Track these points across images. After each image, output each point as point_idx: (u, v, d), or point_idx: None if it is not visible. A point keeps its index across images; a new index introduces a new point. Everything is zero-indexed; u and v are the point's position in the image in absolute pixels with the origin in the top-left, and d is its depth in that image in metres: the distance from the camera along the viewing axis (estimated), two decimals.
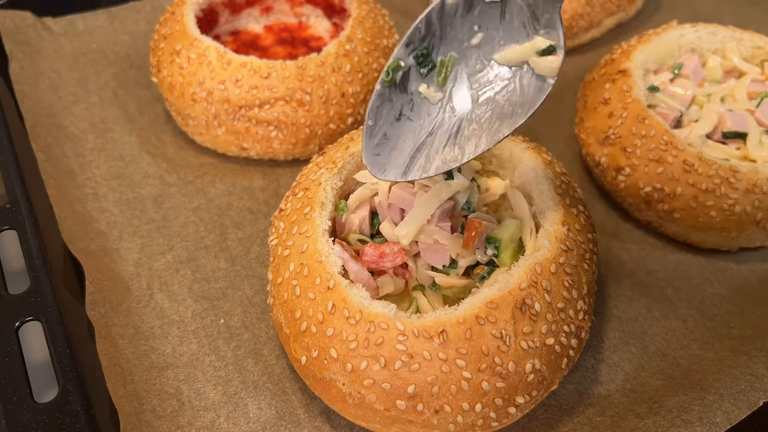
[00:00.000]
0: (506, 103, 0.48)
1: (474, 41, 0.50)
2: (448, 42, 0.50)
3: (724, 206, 0.68)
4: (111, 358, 0.62)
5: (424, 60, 0.51)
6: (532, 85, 0.48)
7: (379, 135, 0.50)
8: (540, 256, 0.55)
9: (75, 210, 0.75)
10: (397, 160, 0.50)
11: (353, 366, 0.52)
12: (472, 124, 0.49)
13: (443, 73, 0.50)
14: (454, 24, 0.50)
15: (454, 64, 0.50)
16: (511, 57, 0.49)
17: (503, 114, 0.48)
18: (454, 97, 0.50)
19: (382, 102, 0.50)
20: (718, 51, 0.82)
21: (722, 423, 0.57)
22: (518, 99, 0.48)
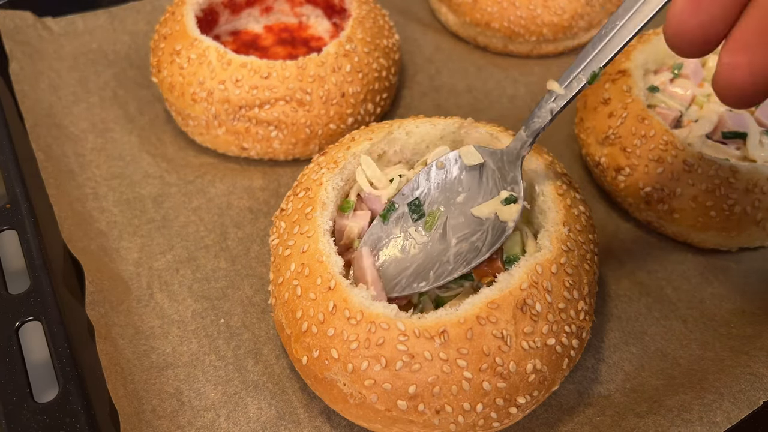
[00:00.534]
0: (477, 244, 0.58)
1: (459, 199, 0.61)
2: (437, 197, 0.62)
3: (724, 206, 0.68)
4: (111, 357, 0.62)
5: (416, 208, 0.61)
6: (498, 229, 0.58)
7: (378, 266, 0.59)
8: (541, 256, 0.55)
9: (75, 210, 0.75)
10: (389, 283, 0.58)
11: (354, 366, 0.52)
12: (444, 264, 0.58)
13: (431, 222, 0.60)
14: (444, 183, 0.62)
15: (439, 217, 0.61)
16: (483, 211, 0.59)
17: (471, 252, 0.58)
18: (437, 241, 0.60)
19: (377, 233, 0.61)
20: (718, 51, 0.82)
21: (722, 422, 0.58)
22: (486, 241, 0.58)
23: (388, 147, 0.66)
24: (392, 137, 0.66)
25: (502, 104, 0.91)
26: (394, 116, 0.89)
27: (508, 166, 0.60)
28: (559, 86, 0.56)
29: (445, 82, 0.94)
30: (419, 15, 1.05)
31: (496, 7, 0.94)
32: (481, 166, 0.62)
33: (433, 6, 1.04)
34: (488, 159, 0.61)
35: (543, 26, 0.94)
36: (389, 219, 0.61)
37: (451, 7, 0.99)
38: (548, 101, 0.57)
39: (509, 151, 0.60)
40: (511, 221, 0.57)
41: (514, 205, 0.58)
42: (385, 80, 0.83)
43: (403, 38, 0.99)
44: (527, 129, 0.59)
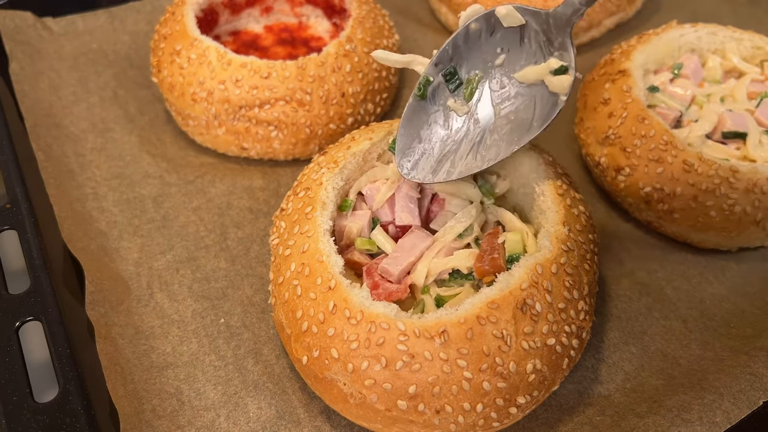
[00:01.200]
0: (524, 116, 0.53)
1: (497, 61, 0.56)
2: (474, 61, 0.56)
3: (724, 206, 0.68)
4: (111, 357, 0.62)
5: (451, 77, 0.57)
6: (547, 101, 0.53)
7: (413, 141, 0.56)
8: (541, 256, 0.55)
9: (75, 210, 0.75)
10: (426, 163, 0.55)
11: (354, 366, 0.52)
12: (493, 134, 0.54)
13: (469, 89, 0.56)
14: (478, 46, 0.56)
15: (479, 82, 0.56)
16: (529, 76, 0.54)
17: (521, 126, 0.53)
18: (478, 110, 0.55)
19: (413, 113, 0.56)
20: (717, 51, 0.82)
21: (722, 422, 0.58)
22: (535, 113, 0.54)
23: (388, 147, 0.66)
24: (392, 137, 0.66)
25: None
26: (394, 116, 0.89)
27: (555, 30, 0.55)
28: None
29: None
30: (419, 15, 1.05)
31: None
32: (522, 28, 0.56)
33: (433, 6, 1.04)
34: (530, 19, 0.55)
35: None
36: (426, 93, 0.57)
37: (451, 7, 0.99)
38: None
39: (557, 15, 0.54)
40: (563, 94, 0.53)
41: (565, 75, 0.53)
42: (385, 80, 0.83)
43: (403, 38, 0.99)
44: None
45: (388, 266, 0.58)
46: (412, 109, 0.57)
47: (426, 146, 0.55)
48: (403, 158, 0.56)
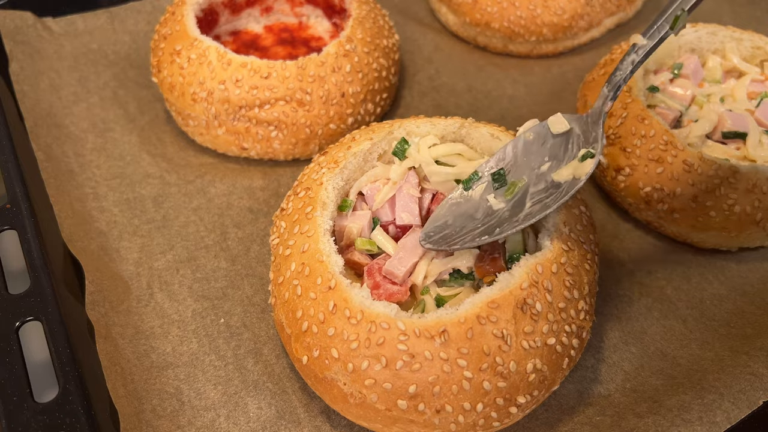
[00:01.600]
0: (547, 204, 0.57)
1: (543, 168, 0.60)
2: (522, 168, 0.61)
3: (724, 206, 0.68)
4: (111, 357, 0.62)
5: (499, 178, 0.61)
6: (570, 186, 0.57)
7: (441, 222, 0.60)
8: (541, 256, 0.55)
9: (75, 210, 0.75)
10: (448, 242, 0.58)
11: (354, 366, 0.52)
12: (513, 223, 0.58)
13: (511, 192, 0.60)
14: (530, 154, 0.61)
15: (521, 187, 0.60)
16: (563, 174, 0.59)
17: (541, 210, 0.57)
18: (513, 206, 0.59)
19: (456, 199, 0.61)
20: (717, 51, 0.82)
21: (722, 422, 0.58)
22: (558, 199, 0.57)
23: (388, 147, 0.66)
24: (393, 137, 0.66)
25: (502, 104, 0.91)
26: (394, 116, 0.89)
27: (592, 126, 0.60)
28: (641, 38, 0.56)
29: (445, 82, 0.94)
30: (419, 15, 1.05)
31: (496, 7, 0.94)
32: (568, 133, 0.61)
33: (433, 6, 1.04)
34: (574, 125, 0.61)
35: (543, 26, 0.94)
36: (471, 186, 0.61)
37: (451, 7, 0.99)
38: (630, 53, 0.57)
39: (593, 112, 0.60)
40: (583, 175, 0.57)
41: (590, 159, 0.57)
42: (385, 80, 0.83)
43: (403, 38, 0.99)
44: (609, 84, 0.59)
45: (393, 268, 0.58)
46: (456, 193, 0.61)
47: (452, 231, 0.59)
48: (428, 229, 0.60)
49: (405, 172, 0.64)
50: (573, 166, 0.59)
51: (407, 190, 0.63)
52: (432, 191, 0.64)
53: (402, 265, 0.58)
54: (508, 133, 0.67)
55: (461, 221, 0.60)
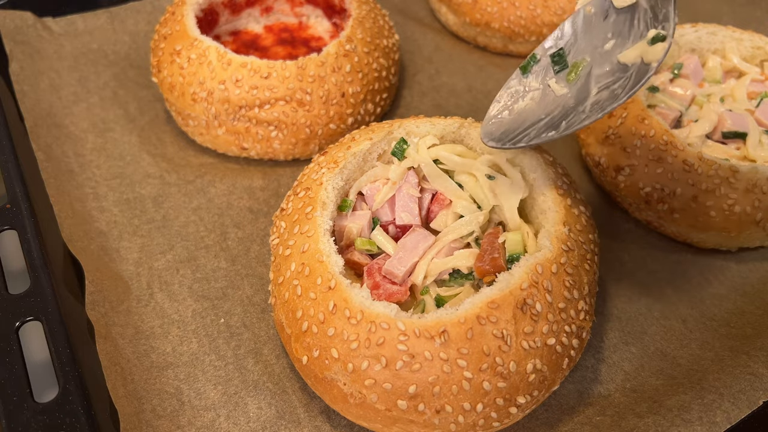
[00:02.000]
0: (617, 92, 0.54)
1: (606, 47, 0.56)
2: (583, 46, 0.57)
3: (724, 206, 0.68)
4: (111, 357, 0.62)
5: (559, 59, 0.57)
6: (641, 73, 0.54)
7: (503, 111, 0.56)
8: (541, 256, 0.55)
9: (75, 210, 0.75)
10: (509, 135, 0.55)
11: (354, 366, 0.52)
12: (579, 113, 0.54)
13: (574, 72, 0.56)
14: (591, 30, 0.57)
15: (584, 67, 0.56)
16: (630, 55, 0.55)
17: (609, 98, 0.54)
18: (577, 91, 0.56)
19: (515, 87, 0.57)
20: (717, 51, 0.82)
21: (722, 422, 0.58)
22: (627, 86, 0.54)
23: (388, 147, 0.66)
24: (392, 137, 0.66)
25: None
26: (394, 116, 0.89)
27: (661, 2, 0.55)
28: None
29: (445, 82, 0.94)
30: (419, 15, 1.05)
31: (496, 7, 0.94)
32: (633, 7, 0.56)
33: (433, 6, 1.04)
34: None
35: (543, 26, 0.94)
36: (529, 71, 0.58)
37: (451, 7, 0.99)
38: None
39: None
40: (655, 61, 0.53)
41: (661, 43, 0.53)
42: (385, 80, 0.83)
43: (403, 38, 0.99)
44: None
45: (393, 268, 0.58)
46: (514, 80, 0.57)
47: (513, 120, 0.55)
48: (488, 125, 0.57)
49: (404, 171, 0.64)
50: (641, 47, 0.54)
51: (407, 189, 0.63)
52: (432, 191, 0.64)
53: (402, 265, 0.58)
54: None
55: (524, 112, 0.56)
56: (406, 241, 0.60)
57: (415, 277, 0.58)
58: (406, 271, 0.58)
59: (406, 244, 0.60)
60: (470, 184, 0.62)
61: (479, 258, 0.58)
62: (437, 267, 0.58)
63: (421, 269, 0.58)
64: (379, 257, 0.60)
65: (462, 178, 0.63)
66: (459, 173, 0.63)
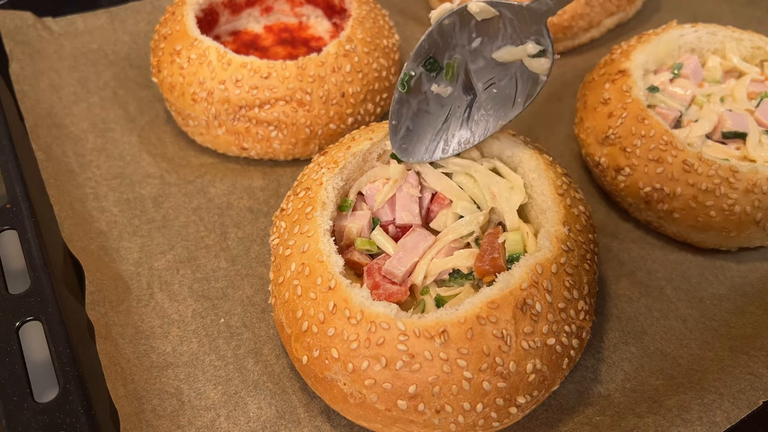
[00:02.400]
0: (507, 92, 0.56)
1: (474, 45, 0.58)
2: (451, 49, 0.58)
3: (724, 206, 0.68)
4: (111, 357, 0.62)
5: (432, 66, 0.58)
6: (528, 78, 0.56)
7: (402, 129, 0.58)
8: (541, 256, 0.55)
9: (75, 210, 0.75)
10: (421, 146, 0.58)
11: (354, 366, 0.52)
12: (480, 110, 0.56)
13: (450, 72, 0.58)
14: (453, 36, 0.59)
15: (458, 64, 0.58)
16: (506, 55, 0.57)
17: (506, 102, 0.56)
18: (463, 88, 0.57)
19: (401, 105, 0.59)
20: (717, 51, 0.82)
21: (722, 422, 0.58)
22: (517, 90, 0.56)
23: (388, 147, 0.66)
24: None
25: None
26: None
27: (530, 20, 0.57)
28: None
29: None
30: (419, 15, 1.05)
31: None
32: (497, 17, 0.58)
33: (432, 6, 1.04)
34: (504, 10, 0.57)
35: None
36: (409, 86, 0.59)
37: None
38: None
39: (531, 9, 0.56)
40: (543, 75, 0.55)
41: (544, 58, 0.55)
42: (385, 80, 0.83)
43: (403, 38, 0.99)
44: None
45: (393, 268, 0.58)
46: (398, 102, 0.60)
47: (417, 133, 0.58)
48: (398, 147, 0.60)
49: (404, 171, 0.64)
50: (516, 51, 0.56)
51: (407, 189, 0.63)
52: (432, 191, 0.64)
53: (402, 265, 0.58)
54: (506, 132, 0.67)
55: (421, 122, 0.58)
56: (406, 241, 0.60)
57: (415, 277, 0.58)
58: (406, 271, 0.58)
59: (406, 244, 0.60)
60: (469, 185, 0.62)
61: (479, 258, 0.58)
62: (437, 267, 0.59)
63: (421, 269, 0.58)
64: (379, 257, 0.60)
65: (461, 179, 0.63)
66: (458, 174, 0.63)
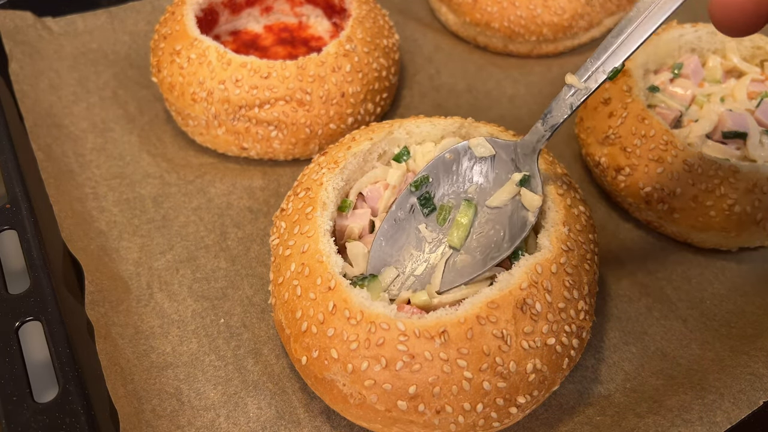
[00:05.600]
0: (494, 238, 0.57)
1: (469, 192, 0.61)
2: (448, 189, 0.61)
3: (724, 206, 0.68)
4: (111, 357, 0.62)
5: (426, 202, 0.61)
6: (516, 221, 0.58)
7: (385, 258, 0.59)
8: (541, 256, 0.55)
9: (75, 210, 0.75)
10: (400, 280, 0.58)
11: (354, 366, 0.52)
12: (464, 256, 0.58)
13: (442, 216, 0.60)
14: (452, 175, 0.61)
15: (451, 210, 0.60)
16: (498, 199, 0.59)
17: (492, 246, 0.57)
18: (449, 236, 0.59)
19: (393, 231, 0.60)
20: (718, 51, 0.82)
21: (722, 422, 0.58)
22: (505, 235, 0.57)
23: (388, 147, 0.66)
24: (393, 137, 0.66)
25: (502, 104, 0.91)
26: (394, 116, 0.89)
27: (523, 158, 0.59)
28: (578, 80, 0.55)
29: (445, 82, 0.94)
30: (419, 15, 1.05)
31: (496, 7, 0.94)
32: (493, 158, 0.61)
33: (433, 6, 1.04)
34: (500, 151, 0.61)
35: (543, 26, 0.94)
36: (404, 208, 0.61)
37: (451, 7, 0.99)
38: (567, 95, 0.56)
39: (524, 144, 0.59)
40: (531, 215, 0.57)
41: (536, 195, 0.57)
42: (385, 80, 0.83)
43: (403, 38, 0.99)
44: (545, 123, 0.58)
45: None
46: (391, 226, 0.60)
47: (399, 266, 0.59)
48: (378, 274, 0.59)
49: (404, 175, 0.64)
50: (508, 189, 0.59)
51: None
52: None
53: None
54: (507, 132, 0.67)
55: (405, 259, 0.59)
56: None
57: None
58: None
59: None
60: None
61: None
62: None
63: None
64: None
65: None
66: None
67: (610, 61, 0.54)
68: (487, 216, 0.59)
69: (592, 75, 0.55)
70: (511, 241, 0.57)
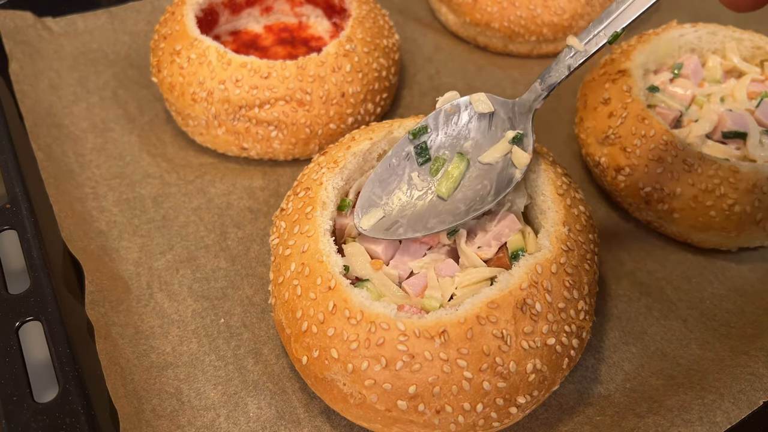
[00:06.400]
0: (481, 193, 0.58)
1: (465, 146, 0.61)
2: (445, 141, 0.62)
3: (724, 206, 0.68)
4: (111, 357, 0.62)
5: (422, 152, 0.62)
6: (504, 177, 0.58)
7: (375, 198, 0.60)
8: (541, 256, 0.55)
9: (75, 209, 0.75)
10: (384, 222, 0.59)
11: (354, 366, 0.52)
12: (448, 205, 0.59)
13: (435, 167, 0.61)
14: (451, 128, 0.62)
15: (444, 162, 0.61)
16: (492, 156, 0.60)
17: (476, 200, 0.58)
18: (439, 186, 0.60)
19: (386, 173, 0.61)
20: (718, 51, 0.82)
21: (722, 422, 0.58)
22: (491, 189, 0.58)
23: (388, 147, 0.66)
24: (392, 137, 0.66)
25: None
26: (394, 116, 0.89)
27: (519, 117, 0.60)
28: (579, 42, 0.56)
29: (445, 82, 0.94)
30: (419, 15, 1.05)
31: (496, 7, 0.94)
32: (491, 115, 0.61)
33: (433, 6, 1.04)
34: (499, 108, 0.61)
35: (543, 26, 0.94)
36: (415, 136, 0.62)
37: (451, 7, 0.99)
38: (566, 56, 0.57)
39: (521, 103, 0.61)
40: (518, 172, 0.58)
41: (525, 153, 0.58)
42: (385, 80, 0.83)
43: (403, 38, 0.99)
44: (543, 82, 0.59)
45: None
46: (385, 170, 0.62)
47: (387, 208, 0.60)
48: (363, 213, 0.60)
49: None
50: (500, 147, 0.59)
51: None
52: None
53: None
54: None
55: (393, 200, 0.60)
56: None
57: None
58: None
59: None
60: None
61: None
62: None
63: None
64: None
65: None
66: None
67: (612, 25, 0.55)
68: (477, 171, 0.60)
69: (593, 38, 0.56)
70: (495, 195, 0.58)
